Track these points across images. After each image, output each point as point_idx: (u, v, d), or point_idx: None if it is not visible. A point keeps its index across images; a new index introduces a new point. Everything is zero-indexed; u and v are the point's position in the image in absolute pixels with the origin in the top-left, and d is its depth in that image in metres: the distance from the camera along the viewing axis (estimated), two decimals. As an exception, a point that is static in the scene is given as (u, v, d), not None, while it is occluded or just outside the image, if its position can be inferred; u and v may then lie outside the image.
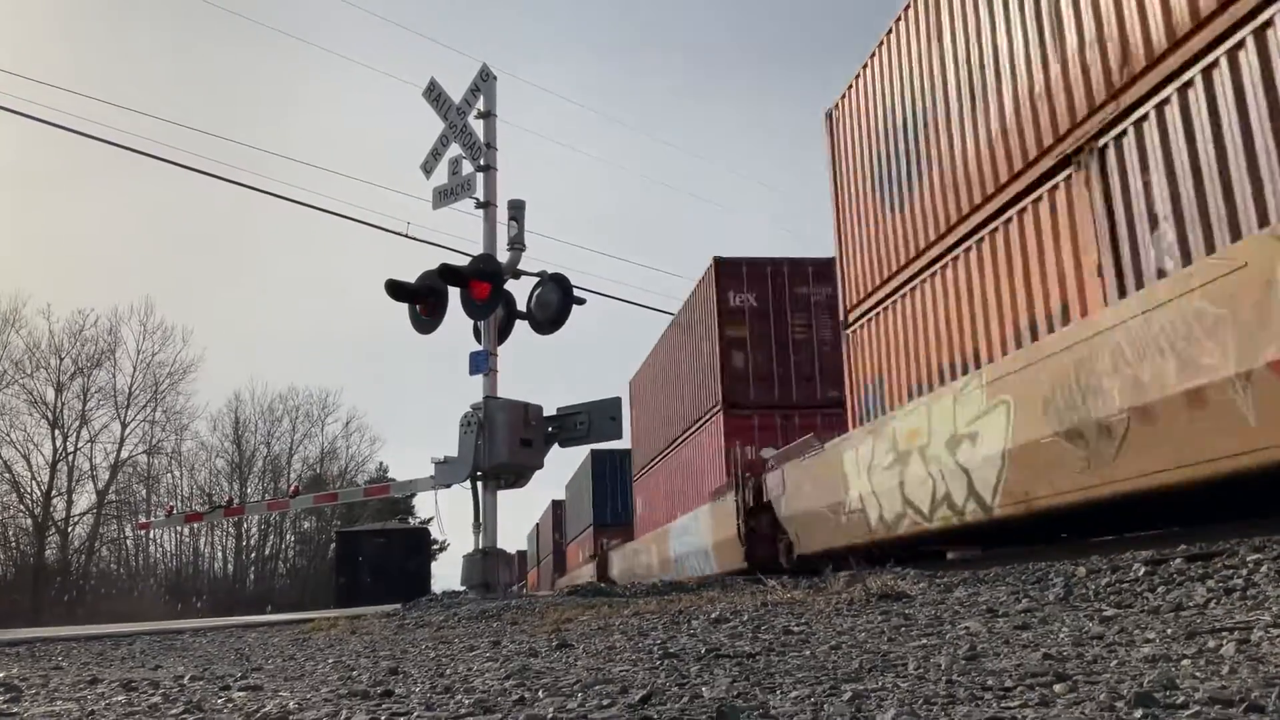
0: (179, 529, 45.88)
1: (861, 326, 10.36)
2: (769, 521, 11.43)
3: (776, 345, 15.32)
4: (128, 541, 45.75)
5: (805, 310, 15.41)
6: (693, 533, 14.99)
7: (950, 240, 8.51)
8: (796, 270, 15.60)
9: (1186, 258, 5.72)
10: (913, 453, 7.94)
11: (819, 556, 9.58)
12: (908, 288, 9.34)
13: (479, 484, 9.91)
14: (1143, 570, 4.29)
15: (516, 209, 10.56)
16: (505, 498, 10.07)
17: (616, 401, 10.32)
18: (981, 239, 8.02)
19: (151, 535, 45.66)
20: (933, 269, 8.85)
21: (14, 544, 40.62)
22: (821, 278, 15.21)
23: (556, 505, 44.04)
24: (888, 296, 9.79)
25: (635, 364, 22.10)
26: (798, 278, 15.54)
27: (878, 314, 10.01)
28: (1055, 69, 7.05)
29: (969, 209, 8.19)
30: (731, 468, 13.27)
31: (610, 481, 32.13)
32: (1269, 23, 5.24)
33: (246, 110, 67.06)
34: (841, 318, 10.90)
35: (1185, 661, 2.32)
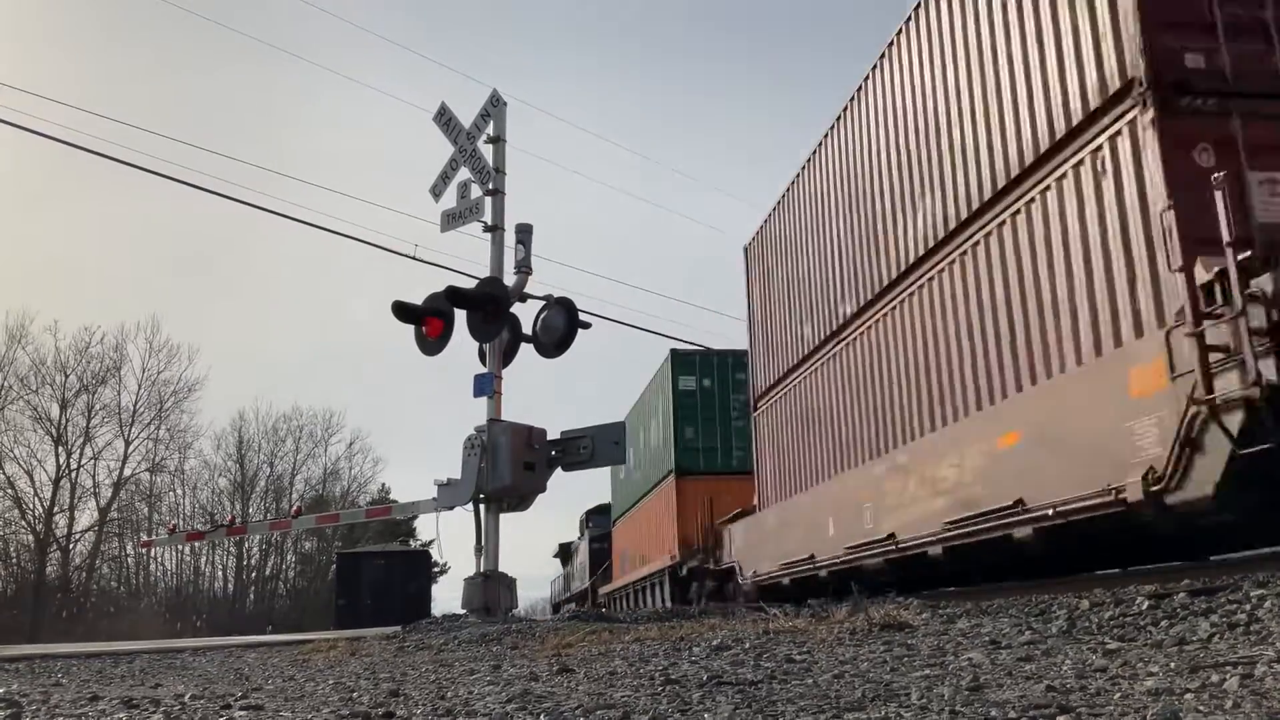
0: (180, 548, 45.72)
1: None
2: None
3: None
4: (129, 559, 45.62)
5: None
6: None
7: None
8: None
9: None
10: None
11: None
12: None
13: (481, 507, 9.90)
14: (1146, 604, 4.27)
15: (524, 233, 10.61)
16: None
17: (620, 426, 10.32)
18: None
19: (152, 553, 45.49)
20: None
21: (15, 560, 40.56)
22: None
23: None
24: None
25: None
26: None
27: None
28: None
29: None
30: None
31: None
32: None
33: (254, 129, 67.57)
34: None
35: (1189, 695, 2.31)
